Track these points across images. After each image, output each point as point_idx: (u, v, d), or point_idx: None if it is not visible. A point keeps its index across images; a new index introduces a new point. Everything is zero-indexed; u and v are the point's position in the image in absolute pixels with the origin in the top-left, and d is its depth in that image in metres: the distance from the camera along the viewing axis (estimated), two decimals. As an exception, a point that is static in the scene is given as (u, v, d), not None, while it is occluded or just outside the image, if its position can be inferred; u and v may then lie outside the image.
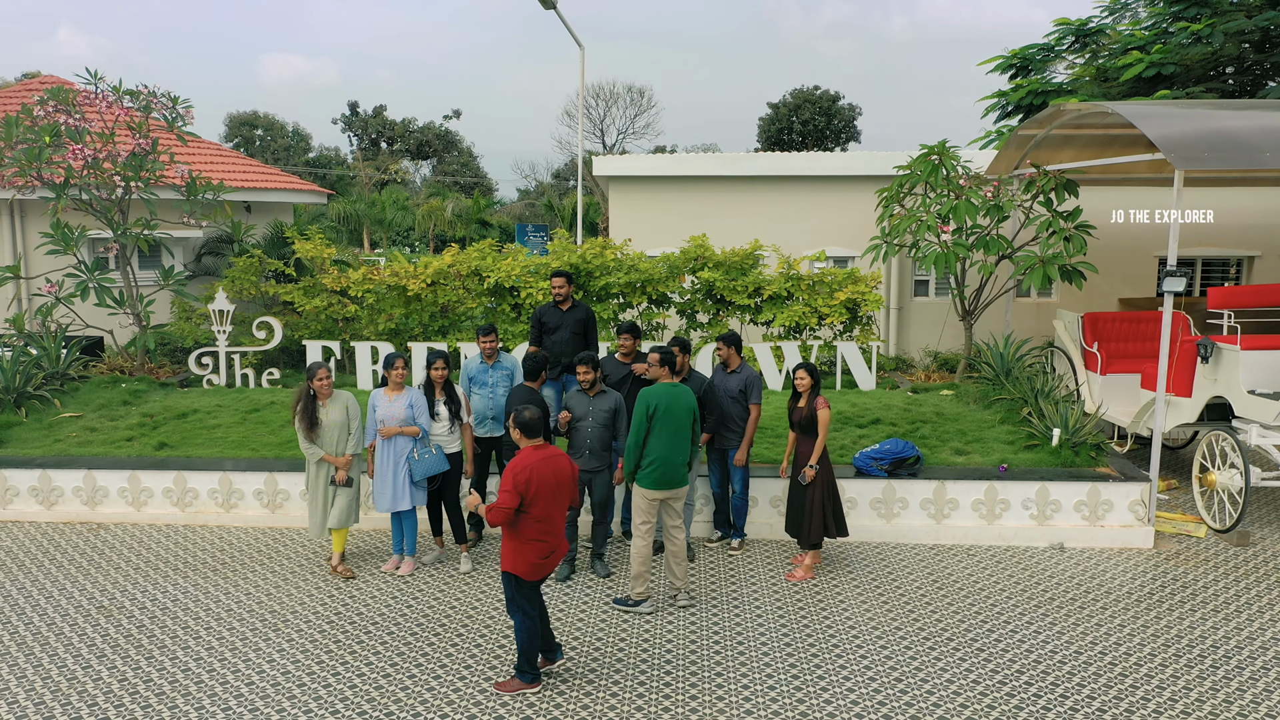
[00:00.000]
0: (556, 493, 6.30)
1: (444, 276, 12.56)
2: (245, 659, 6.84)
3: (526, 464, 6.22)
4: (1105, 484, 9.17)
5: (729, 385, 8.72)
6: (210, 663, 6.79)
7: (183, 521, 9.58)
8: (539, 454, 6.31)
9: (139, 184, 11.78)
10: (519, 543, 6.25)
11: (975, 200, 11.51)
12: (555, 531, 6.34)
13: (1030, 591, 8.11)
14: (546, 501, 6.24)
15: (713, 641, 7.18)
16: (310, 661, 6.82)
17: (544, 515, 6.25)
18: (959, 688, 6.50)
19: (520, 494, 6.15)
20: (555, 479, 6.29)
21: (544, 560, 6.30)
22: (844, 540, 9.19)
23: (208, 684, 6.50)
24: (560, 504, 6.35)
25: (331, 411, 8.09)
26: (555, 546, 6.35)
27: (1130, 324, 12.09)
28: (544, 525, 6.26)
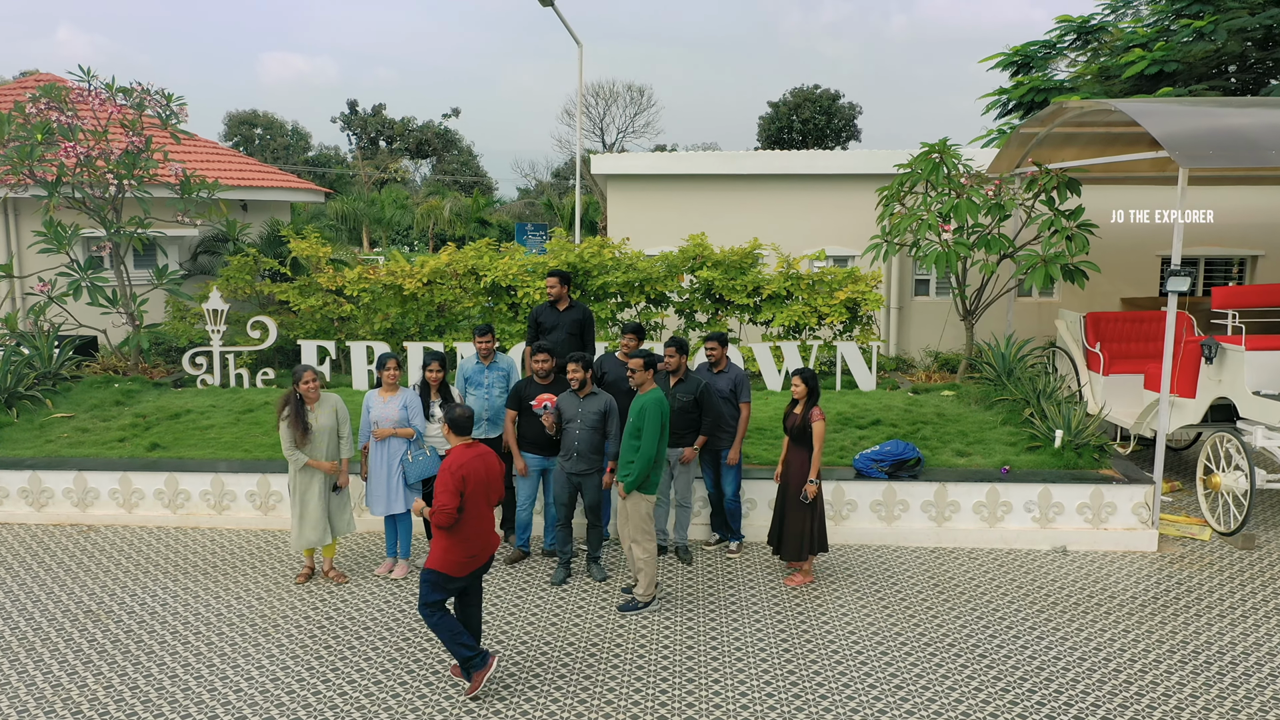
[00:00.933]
0: (487, 490, 6.30)
1: (440, 276, 12.44)
2: (234, 664, 6.73)
3: (461, 461, 6.21)
4: (1108, 486, 9.06)
5: (719, 385, 8.60)
6: (198, 668, 6.67)
7: (174, 524, 9.46)
8: (470, 451, 6.31)
9: (132, 182, 11.65)
10: (452, 540, 6.20)
11: (976, 199, 11.39)
12: (485, 528, 6.34)
13: (1033, 596, 7.99)
14: (478, 499, 6.25)
15: (710, 646, 7.06)
16: (300, 667, 6.70)
17: (476, 513, 6.25)
18: (961, 694, 6.39)
19: (459, 491, 6.12)
20: (486, 476, 6.30)
21: (469, 559, 6.26)
22: (843, 543, 9.08)
23: (195, 690, 6.38)
24: (489, 501, 6.35)
25: (321, 416, 7.95)
26: (485, 543, 6.34)
27: (1133, 324, 11.98)
28: (475, 524, 6.25)
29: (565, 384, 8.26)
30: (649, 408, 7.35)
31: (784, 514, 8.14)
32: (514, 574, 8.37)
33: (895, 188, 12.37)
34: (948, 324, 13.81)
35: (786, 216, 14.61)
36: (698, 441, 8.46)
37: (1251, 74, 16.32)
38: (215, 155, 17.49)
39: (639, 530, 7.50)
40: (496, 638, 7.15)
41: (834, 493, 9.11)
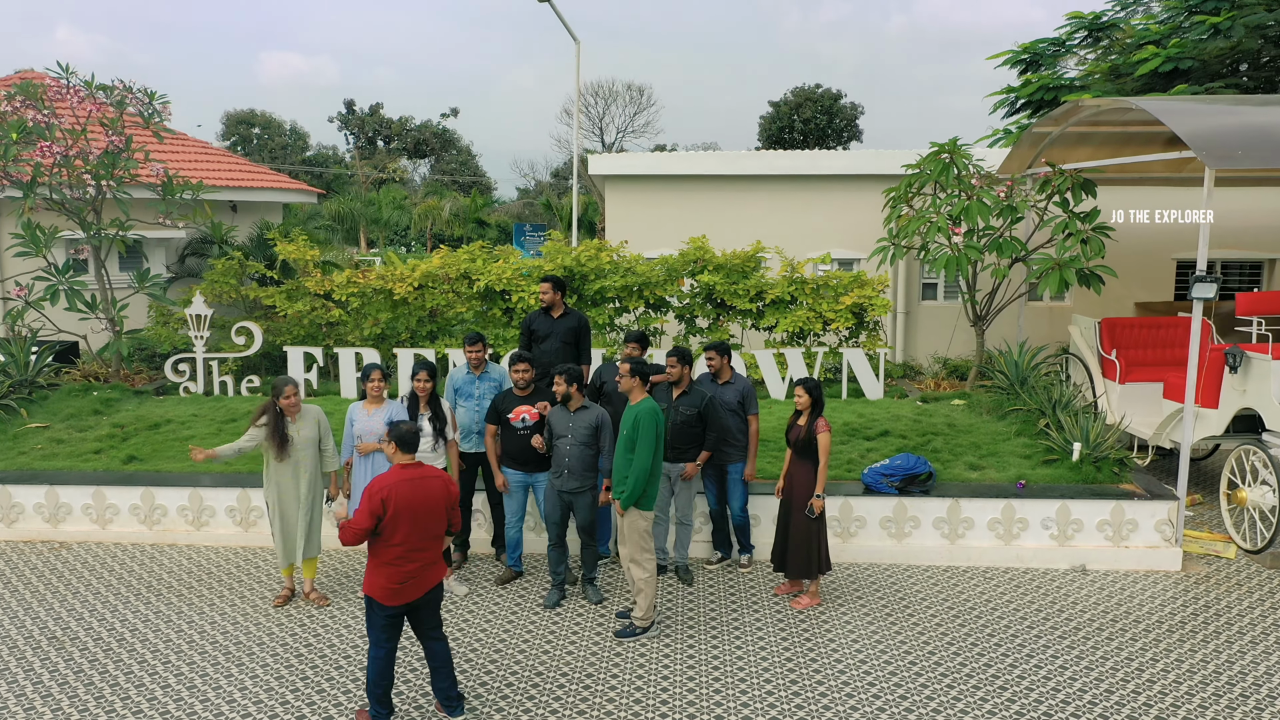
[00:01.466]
0: (421, 517, 5.74)
1: (432, 279, 12.01)
2: (203, 697, 6.30)
3: (386, 484, 5.73)
4: (1130, 502, 8.63)
5: (725, 397, 8.18)
6: (164, 701, 6.23)
7: (150, 540, 9.03)
8: (404, 474, 5.80)
9: (111, 183, 11.22)
10: (375, 564, 5.78)
11: (988, 200, 10.95)
12: (418, 557, 5.77)
13: (1051, 618, 7.57)
14: (407, 527, 5.69)
15: (711, 670, 6.63)
16: (273, 700, 6.27)
17: (403, 540, 5.73)
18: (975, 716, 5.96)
19: (375, 516, 5.65)
20: (420, 503, 5.74)
21: (400, 586, 5.75)
22: (851, 561, 8.66)
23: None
24: (428, 529, 5.79)
25: (302, 429, 7.53)
26: (417, 574, 5.78)
27: (1150, 330, 11.55)
28: (402, 550, 5.72)
29: (545, 395, 7.83)
30: (643, 418, 6.92)
31: (787, 530, 7.72)
32: (505, 595, 7.94)
33: (903, 189, 11.93)
34: (957, 330, 13.37)
35: (789, 218, 14.18)
36: (700, 457, 8.03)
37: (1265, 72, 15.89)
38: (204, 155, 17.08)
39: (637, 548, 7.07)
40: (485, 667, 6.72)
41: (841, 509, 8.68)
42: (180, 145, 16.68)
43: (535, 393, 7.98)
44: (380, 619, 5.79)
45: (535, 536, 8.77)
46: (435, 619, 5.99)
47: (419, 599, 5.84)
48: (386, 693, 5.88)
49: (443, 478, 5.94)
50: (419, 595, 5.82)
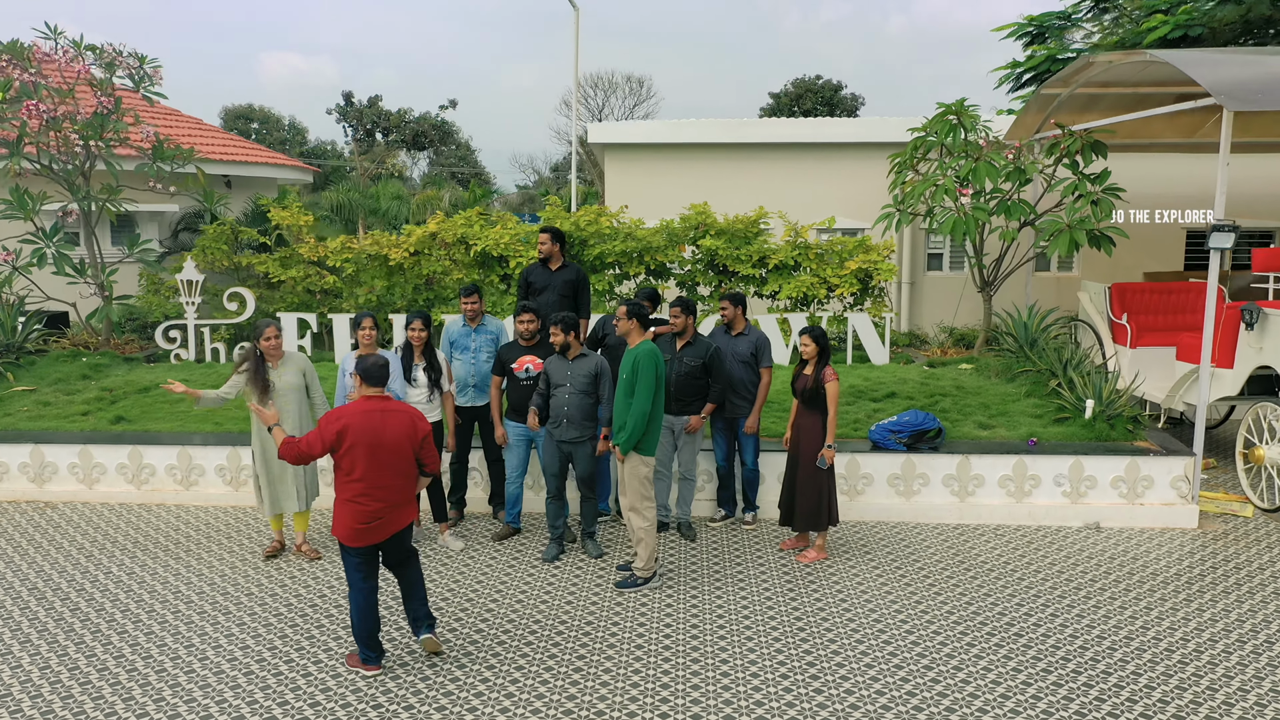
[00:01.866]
0: (381, 453, 5.43)
1: (428, 245, 11.77)
2: (188, 644, 6.05)
3: (344, 414, 5.46)
4: (1145, 459, 8.39)
5: (737, 349, 7.94)
6: (147, 648, 5.99)
7: (138, 500, 8.78)
8: (366, 405, 5.51)
9: (100, 144, 10.97)
10: (338, 501, 5.54)
11: (996, 161, 10.72)
12: (383, 496, 5.48)
13: (1067, 572, 7.33)
14: (365, 462, 5.40)
15: (717, 625, 6.39)
16: (261, 647, 6.03)
17: (363, 476, 5.41)
18: (999, 675, 5.72)
19: (326, 444, 5.41)
20: (380, 438, 5.43)
21: (364, 526, 5.47)
22: (858, 519, 8.42)
23: (141, 671, 5.71)
24: (389, 466, 5.48)
25: (285, 374, 7.27)
26: (382, 514, 5.49)
27: (1161, 295, 11.32)
28: (363, 486, 5.42)
29: (548, 345, 7.60)
30: (642, 360, 6.68)
31: (794, 483, 7.48)
32: (502, 551, 7.70)
33: (909, 153, 11.70)
34: (964, 297, 13.13)
35: (793, 188, 13.92)
36: (705, 409, 7.79)
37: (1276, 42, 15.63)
38: (198, 129, 16.85)
39: (637, 496, 6.83)
40: (481, 615, 6.48)
41: (848, 465, 8.44)
42: (175, 119, 16.45)
43: (539, 343, 7.76)
44: (352, 560, 5.56)
45: (534, 495, 8.53)
46: (404, 554, 5.75)
47: (387, 541, 5.60)
48: (373, 634, 5.64)
49: (409, 413, 5.64)
50: (387, 536, 5.58)
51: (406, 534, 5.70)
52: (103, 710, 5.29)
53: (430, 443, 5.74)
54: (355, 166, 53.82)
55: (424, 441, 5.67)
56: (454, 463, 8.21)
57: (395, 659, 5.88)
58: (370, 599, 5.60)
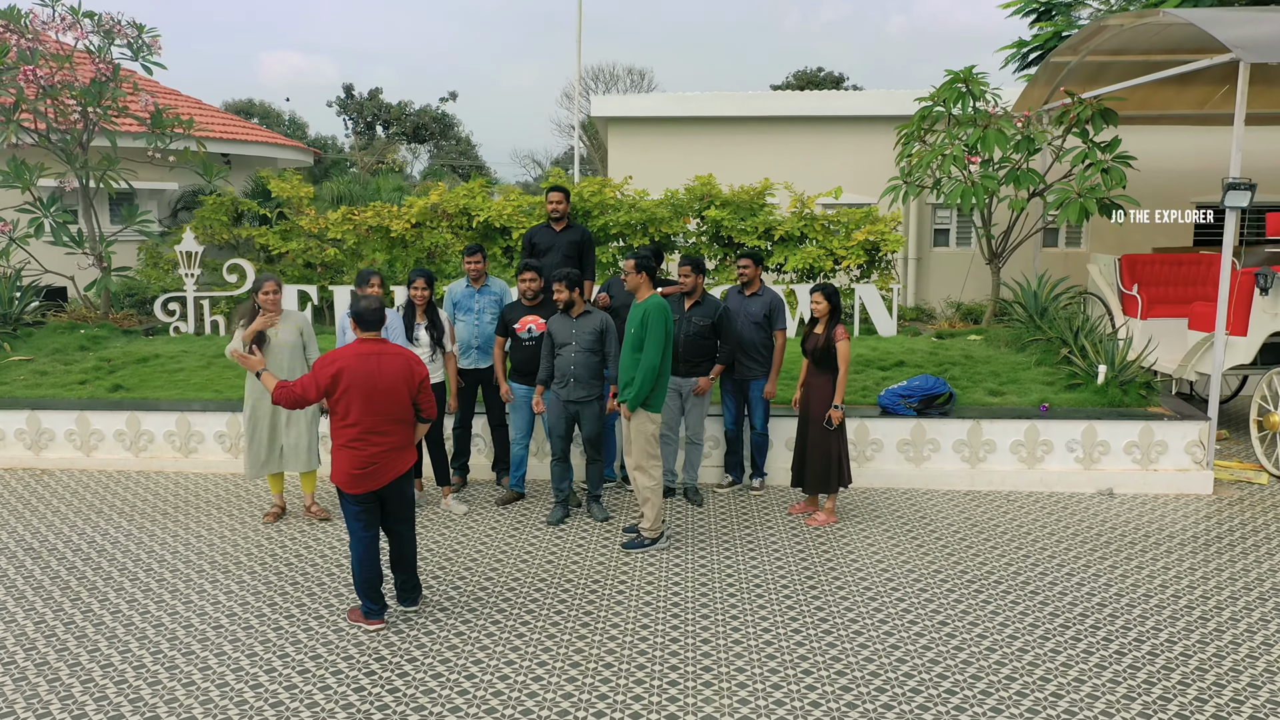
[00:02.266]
0: (376, 396, 5.30)
1: (430, 217, 11.63)
2: (185, 600, 5.92)
3: (337, 357, 5.34)
4: (1159, 423, 8.25)
5: (751, 309, 7.79)
6: (144, 603, 5.86)
7: (136, 468, 8.65)
8: (361, 348, 5.38)
9: (98, 110, 10.83)
10: (335, 447, 5.43)
11: (1006, 129, 10.57)
12: (379, 440, 5.34)
13: (1082, 535, 7.20)
14: (360, 406, 5.27)
15: (726, 583, 6.26)
16: (260, 603, 5.90)
17: (358, 420, 5.28)
18: (1015, 630, 5.58)
19: (320, 388, 5.28)
20: (375, 381, 5.30)
21: (361, 472, 5.32)
22: (868, 485, 8.29)
23: (138, 625, 5.58)
24: (386, 410, 5.34)
25: (282, 331, 7.13)
26: (380, 459, 5.35)
27: (1171, 266, 11.19)
28: (359, 430, 5.30)
29: (553, 305, 7.46)
30: (651, 313, 6.54)
31: (805, 444, 7.34)
32: (506, 515, 7.57)
33: (916, 124, 11.54)
34: (971, 270, 12.98)
35: (799, 162, 13.78)
36: (714, 370, 7.66)
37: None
38: (197, 108, 16.71)
39: (644, 455, 6.70)
40: (486, 575, 6.34)
41: (857, 431, 8.30)
42: (175, 98, 16.32)
43: (543, 304, 7.62)
44: (351, 508, 5.44)
45: (538, 462, 8.39)
46: (403, 510, 5.60)
47: (386, 487, 5.45)
48: (374, 586, 5.50)
49: (405, 355, 5.50)
50: (385, 482, 5.43)
51: (407, 482, 5.56)
52: (99, 662, 5.16)
53: (428, 387, 5.60)
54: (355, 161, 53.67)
55: (421, 385, 5.53)
56: (457, 428, 8.08)
57: (399, 613, 5.74)
58: (371, 548, 5.47)
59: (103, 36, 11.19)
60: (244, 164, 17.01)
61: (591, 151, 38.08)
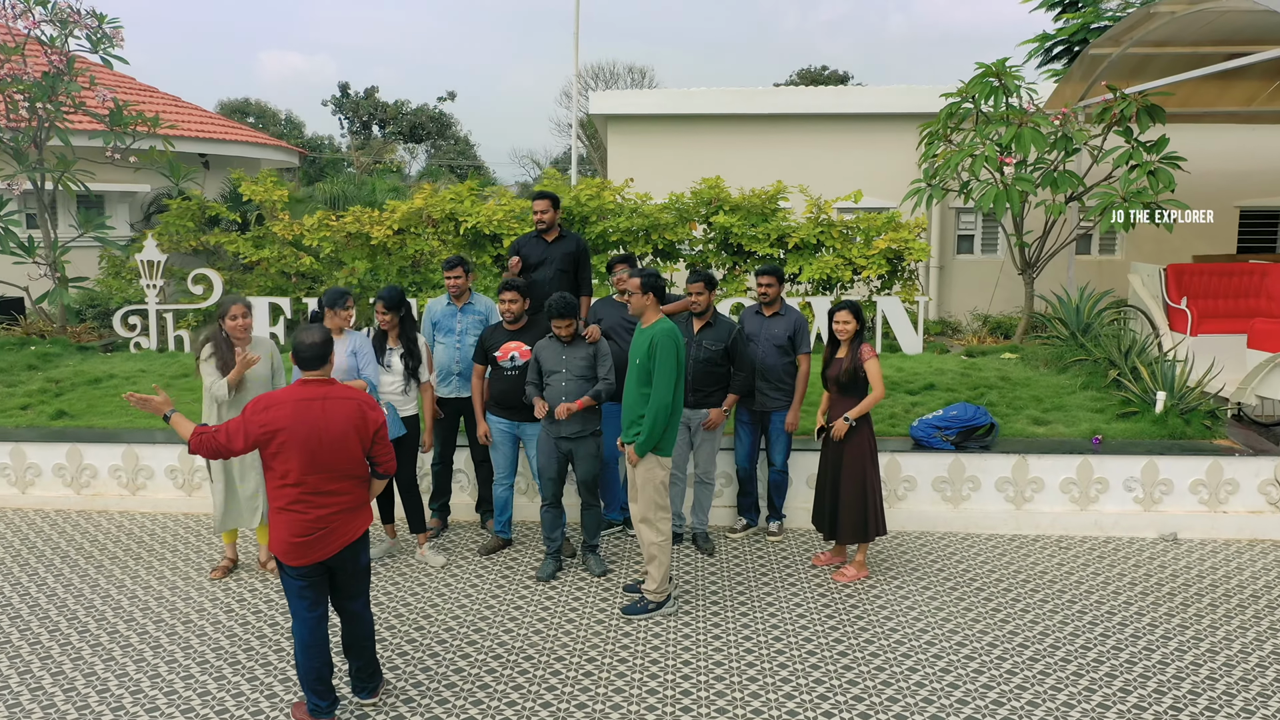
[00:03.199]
0: (319, 449, 4.35)
1: (414, 223, 10.72)
2: (121, 671, 5.00)
3: (273, 401, 4.39)
4: (1228, 459, 7.32)
5: (772, 331, 6.87)
6: (74, 677, 4.94)
7: (78, 506, 7.74)
8: (302, 392, 4.43)
9: (49, 106, 9.91)
10: (272, 511, 4.49)
11: (1043, 127, 9.65)
12: (325, 501, 4.40)
13: (1142, 587, 6.30)
14: (302, 462, 4.33)
15: (744, 650, 5.35)
16: (207, 676, 4.98)
17: (300, 479, 4.34)
18: (1084, 710, 4.66)
19: (250, 439, 4.32)
20: (319, 431, 4.35)
21: (304, 540, 4.37)
22: (899, 529, 7.36)
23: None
24: (332, 465, 4.40)
25: None
26: (325, 524, 4.40)
27: (1224, 277, 10.26)
28: (300, 491, 4.36)
29: (540, 329, 6.54)
30: (660, 342, 5.61)
31: (836, 488, 6.41)
32: (490, 567, 6.65)
33: (941, 121, 10.63)
34: (1000, 281, 12.06)
35: (812, 164, 12.85)
36: (727, 401, 6.73)
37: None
38: (175, 106, 15.83)
39: (651, 505, 5.77)
40: (465, 644, 5.42)
41: (887, 467, 7.37)
42: (149, 95, 15.43)
43: (528, 326, 6.69)
44: (292, 582, 4.48)
45: (528, 501, 7.49)
46: (356, 584, 4.65)
47: (336, 556, 4.50)
48: (322, 676, 4.57)
49: (356, 399, 4.54)
50: (333, 551, 4.47)
51: (360, 549, 4.62)
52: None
53: (384, 436, 4.65)
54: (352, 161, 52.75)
55: (376, 434, 4.58)
56: (435, 464, 7.17)
57: (353, 704, 4.82)
58: (318, 631, 4.54)
59: (58, 26, 10.27)
60: (226, 165, 16.10)
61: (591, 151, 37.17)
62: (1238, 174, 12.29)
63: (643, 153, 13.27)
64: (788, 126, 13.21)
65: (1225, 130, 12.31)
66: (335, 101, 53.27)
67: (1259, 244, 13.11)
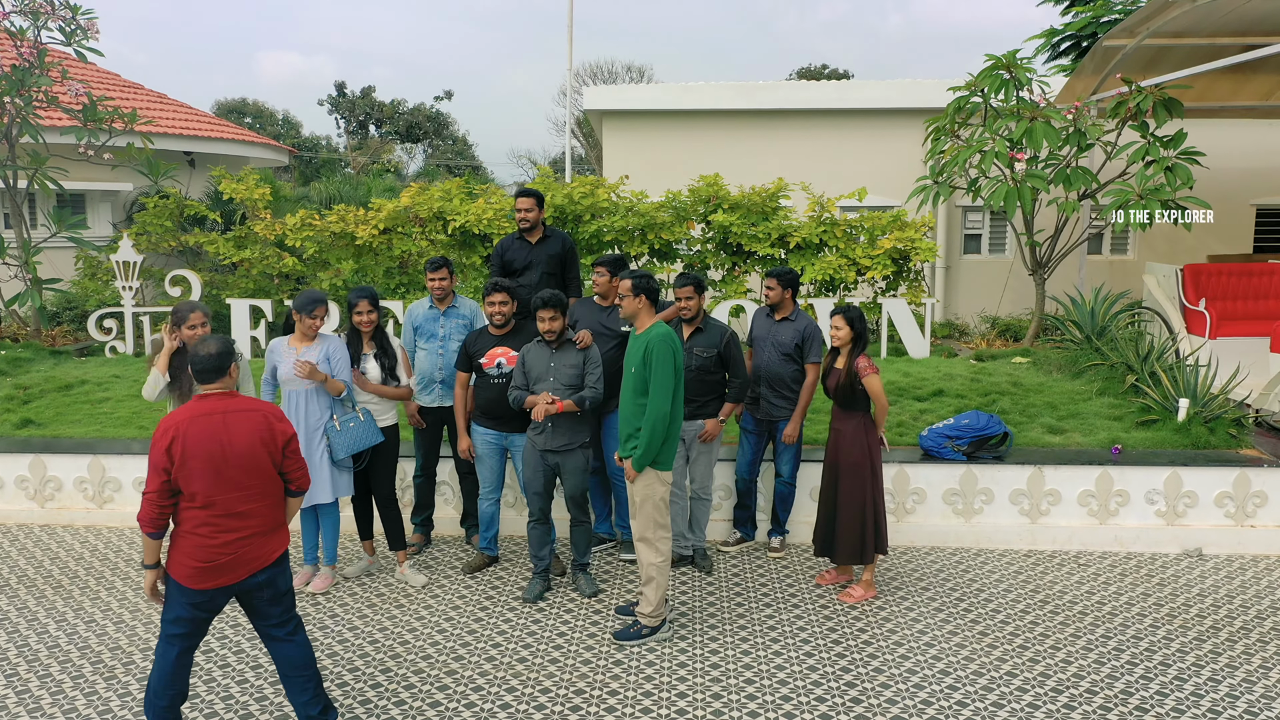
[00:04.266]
0: (225, 467, 3.99)
1: (400, 222, 10.32)
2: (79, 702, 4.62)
3: (173, 423, 3.99)
4: (1256, 470, 6.92)
5: (781, 337, 6.46)
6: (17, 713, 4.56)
7: (41, 521, 7.34)
8: (199, 407, 4.05)
9: (18, 101, 9.52)
10: (176, 534, 4.09)
11: (1056, 121, 9.26)
12: (235, 525, 4.02)
13: (1168, 607, 5.91)
14: (207, 480, 3.95)
15: (744, 678, 4.95)
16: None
17: (206, 501, 3.96)
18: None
19: (159, 469, 3.93)
20: (223, 448, 3.99)
21: (208, 565, 3.98)
22: (908, 544, 6.97)
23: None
24: (241, 484, 4.03)
25: None
26: (235, 550, 4.02)
27: (1243, 278, 9.89)
28: (208, 514, 3.99)
29: (528, 335, 6.13)
30: (656, 347, 5.21)
31: (834, 504, 6.02)
32: (474, 586, 6.25)
33: (948, 117, 10.24)
34: (1010, 281, 11.65)
35: (815, 161, 12.45)
36: (724, 411, 6.32)
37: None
38: (159, 103, 15.42)
39: (650, 524, 5.37)
40: (449, 664, 5.02)
41: (895, 478, 6.98)
42: (134, 91, 15.03)
43: (515, 331, 6.29)
44: (179, 605, 4.05)
45: (516, 515, 7.09)
46: (282, 610, 4.25)
47: (246, 581, 4.10)
48: (173, 708, 4.14)
49: (261, 411, 4.14)
50: (243, 577, 4.08)
51: (278, 572, 4.20)
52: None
53: (295, 450, 4.22)
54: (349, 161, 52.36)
55: (286, 449, 4.17)
56: (418, 476, 6.77)
57: None
58: (183, 663, 4.10)
59: (29, 17, 9.87)
60: (213, 163, 15.68)
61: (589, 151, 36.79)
62: (1254, 171, 11.91)
63: (639, 150, 12.87)
64: (789, 122, 12.80)
65: (1241, 126, 11.92)
66: (331, 101, 52.89)
67: (1276, 243, 12.72)
